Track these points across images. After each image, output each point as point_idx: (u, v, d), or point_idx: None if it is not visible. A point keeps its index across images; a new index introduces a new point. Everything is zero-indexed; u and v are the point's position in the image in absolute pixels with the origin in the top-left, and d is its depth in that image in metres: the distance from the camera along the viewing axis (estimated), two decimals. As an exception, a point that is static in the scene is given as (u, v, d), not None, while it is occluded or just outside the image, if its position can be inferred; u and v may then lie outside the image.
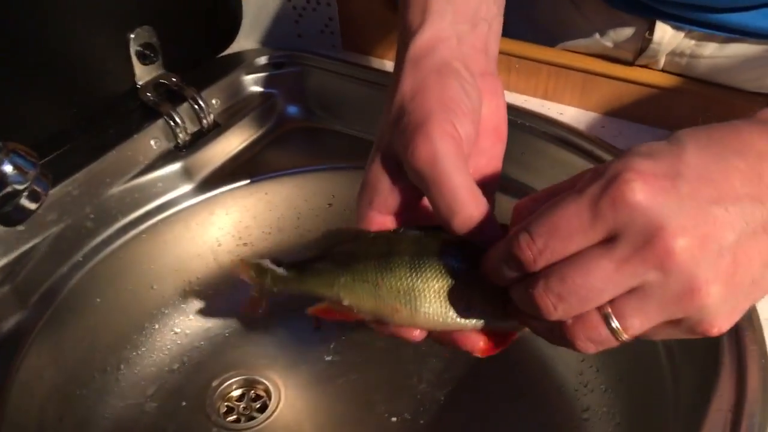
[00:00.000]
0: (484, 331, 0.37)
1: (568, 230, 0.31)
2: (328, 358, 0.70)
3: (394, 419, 0.66)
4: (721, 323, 0.32)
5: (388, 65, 0.80)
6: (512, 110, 0.70)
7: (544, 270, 0.32)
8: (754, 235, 0.31)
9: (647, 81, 0.69)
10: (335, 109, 0.78)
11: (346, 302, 0.39)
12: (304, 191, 0.75)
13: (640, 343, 0.60)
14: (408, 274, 0.37)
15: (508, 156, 0.70)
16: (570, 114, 0.71)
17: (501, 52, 0.73)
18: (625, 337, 0.33)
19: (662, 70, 0.70)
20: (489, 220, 0.37)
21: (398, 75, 0.42)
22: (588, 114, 0.70)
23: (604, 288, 0.31)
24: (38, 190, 0.51)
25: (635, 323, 0.32)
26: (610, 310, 0.32)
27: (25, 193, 0.51)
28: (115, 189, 0.66)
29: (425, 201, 0.42)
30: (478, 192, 0.37)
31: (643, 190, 0.30)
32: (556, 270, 0.32)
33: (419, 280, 0.37)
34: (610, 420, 0.63)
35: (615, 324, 0.32)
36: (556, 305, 0.32)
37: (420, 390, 0.68)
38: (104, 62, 0.66)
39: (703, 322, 0.31)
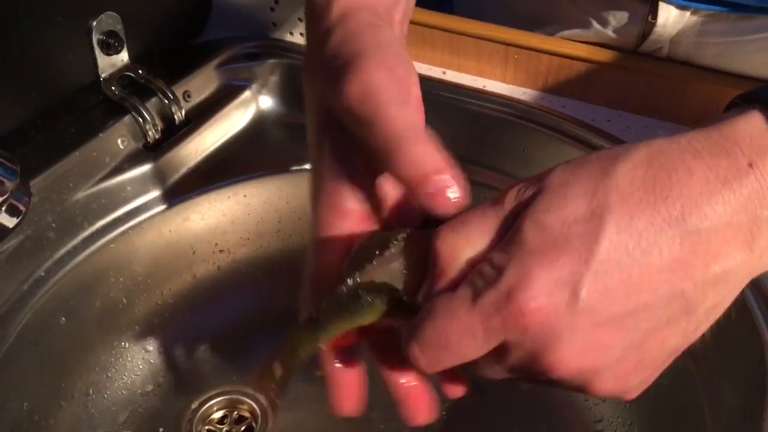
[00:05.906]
0: None
1: (459, 346, 0.30)
2: (319, 374, 0.65)
3: (394, 438, 0.61)
4: (631, 395, 0.32)
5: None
6: (512, 105, 0.68)
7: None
8: (668, 324, 0.29)
9: (652, 70, 0.65)
10: (317, 103, 0.73)
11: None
12: (285, 193, 0.70)
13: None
14: None
15: (510, 153, 0.67)
16: (573, 107, 0.67)
17: (497, 42, 0.70)
18: None
19: (667, 58, 0.67)
20: (434, 158, 0.32)
21: (325, 34, 0.38)
22: (592, 107, 0.67)
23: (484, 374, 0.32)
24: (17, 204, 0.44)
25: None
26: None
27: (3, 208, 0.43)
28: (80, 194, 0.61)
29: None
30: (422, 127, 0.33)
31: (535, 314, 0.28)
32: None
33: None
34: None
35: None
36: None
37: (421, 405, 0.63)
38: (63, 53, 0.62)
39: (613, 398, 0.32)
